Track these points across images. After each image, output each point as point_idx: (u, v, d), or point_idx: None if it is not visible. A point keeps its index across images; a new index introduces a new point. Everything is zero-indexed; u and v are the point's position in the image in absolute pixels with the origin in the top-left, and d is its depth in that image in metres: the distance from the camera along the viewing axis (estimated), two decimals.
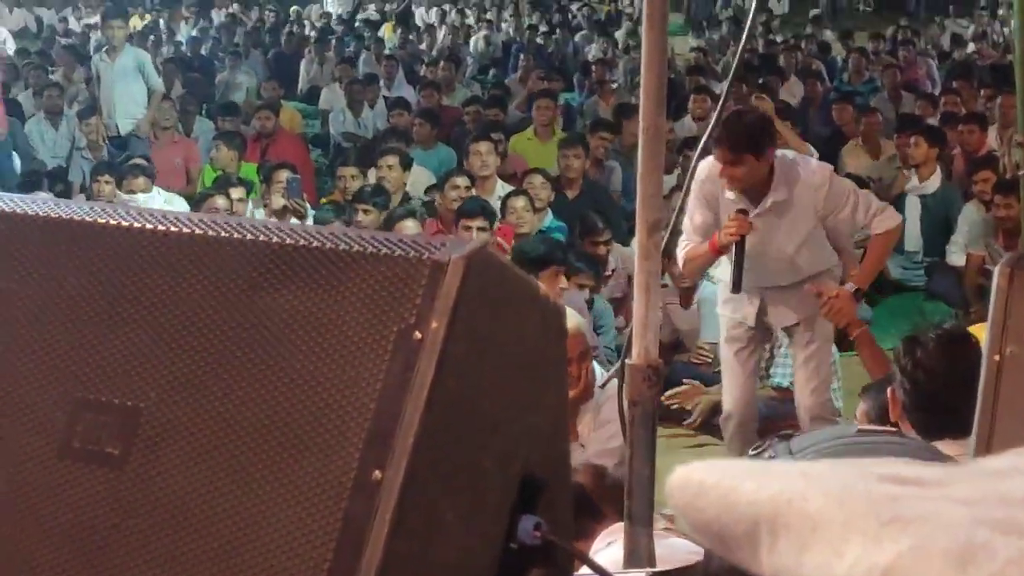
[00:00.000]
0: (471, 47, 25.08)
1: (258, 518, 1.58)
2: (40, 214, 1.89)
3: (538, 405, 1.79)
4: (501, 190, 10.62)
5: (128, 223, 1.81)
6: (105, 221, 1.83)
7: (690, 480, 0.82)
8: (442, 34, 26.32)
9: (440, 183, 10.81)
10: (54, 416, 1.74)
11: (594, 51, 23.22)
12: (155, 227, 1.79)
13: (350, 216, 9.88)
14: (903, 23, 26.76)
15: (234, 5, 30.37)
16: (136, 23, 25.32)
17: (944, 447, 3.39)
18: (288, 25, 26.98)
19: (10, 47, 22.54)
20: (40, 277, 1.82)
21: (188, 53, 22.50)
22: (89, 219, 1.84)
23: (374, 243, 1.67)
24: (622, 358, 2.68)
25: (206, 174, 12.64)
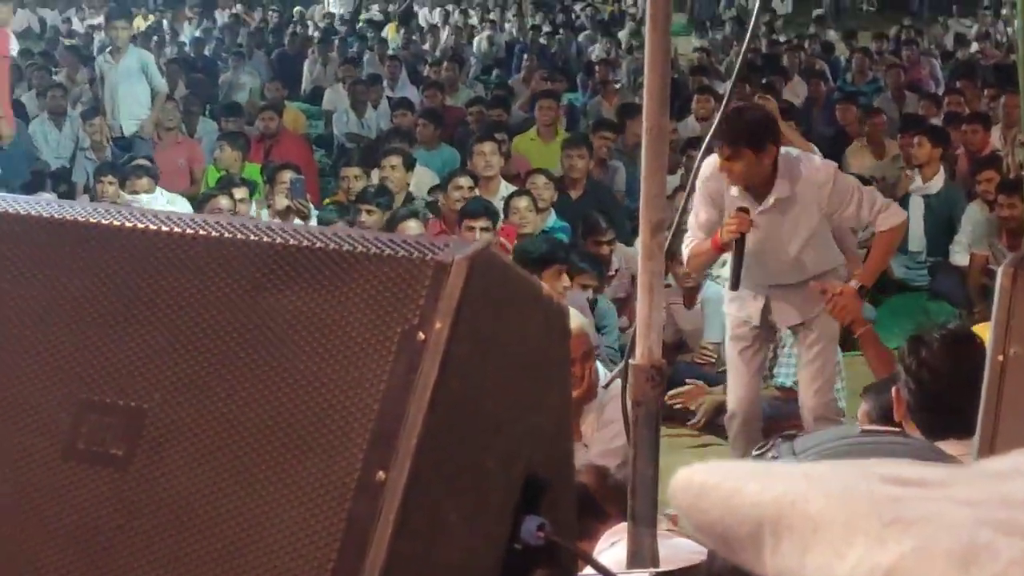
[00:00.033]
0: (474, 47, 25.09)
1: (262, 519, 1.59)
2: (44, 215, 1.89)
3: (541, 405, 1.79)
4: (505, 190, 10.62)
5: (131, 224, 1.81)
6: (109, 222, 1.83)
7: (693, 481, 0.82)
8: (445, 34, 26.34)
9: (443, 183, 10.82)
10: (58, 417, 1.74)
11: (597, 51, 23.23)
12: (158, 228, 1.79)
13: (354, 216, 9.88)
14: (907, 23, 26.76)
15: (237, 6, 30.38)
16: (140, 24, 25.33)
17: (948, 447, 3.39)
18: (291, 26, 27.01)
19: (14, 48, 22.54)
20: (44, 278, 1.83)
21: (191, 54, 22.52)
22: (93, 220, 1.85)
23: (377, 244, 1.67)
24: (626, 358, 2.68)
25: (210, 174, 12.65)
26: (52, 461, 1.72)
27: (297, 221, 9.87)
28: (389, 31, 26.75)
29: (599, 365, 5.90)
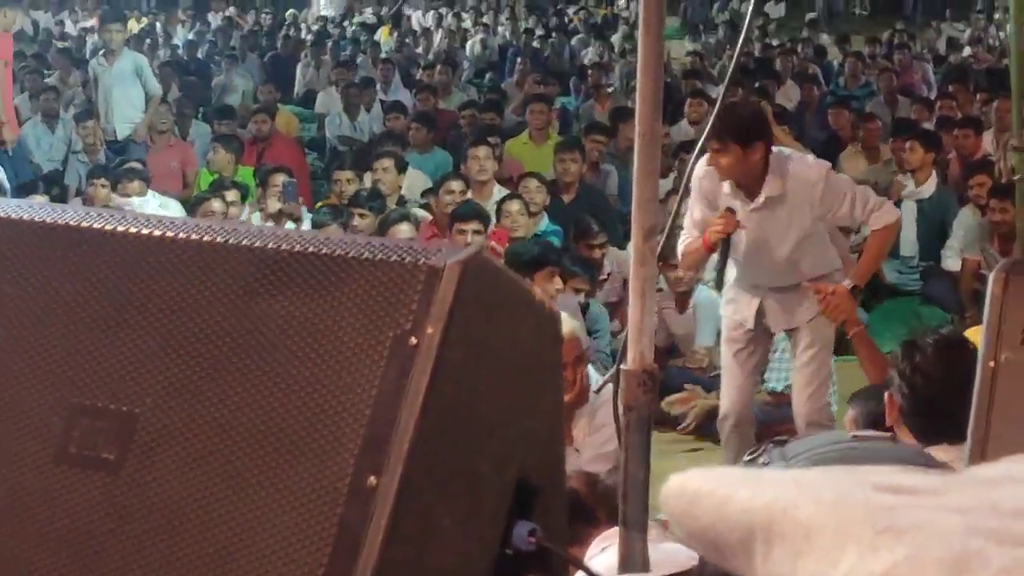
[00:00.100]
0: (467, 51, 25.10)
1: (253, 523, 1.58)
2: (36, 219, 1.89)
3: (534, 410, 1.79)
4: (498, 194, 10.60)
5: (123, 228, 1.81)
6: (100, 226, 1.83)
7: (686, 488, 0.82)
8: (438, 38, 26.35)
9: (435, 187, 10.81)
10: (50, 421, 1.74)
11: (590, 55, 23.26)
12: (150, 232, 1.79)
13: (347, 219, 9.87)
14: (899, 27, 26.81)
15: (230, 8, 30.39)
16: (133, 26, 25.32)
17: (940, 452, 3.39)
18: (284, 28, 26.99)
19: None
20: (36, 282, 1.82)
21: (184, 56, 22.52)
22: (85, 224, 1.84)
23: (369, 248, 1.67)
24: (617, 363, 2.68)
25: (202, 177, 12.64)
26: (44, 465, 1.72)
27: (289, 224, 9.87)
28: (382, 34, 26.75)
29: (591, 369, 5.90)
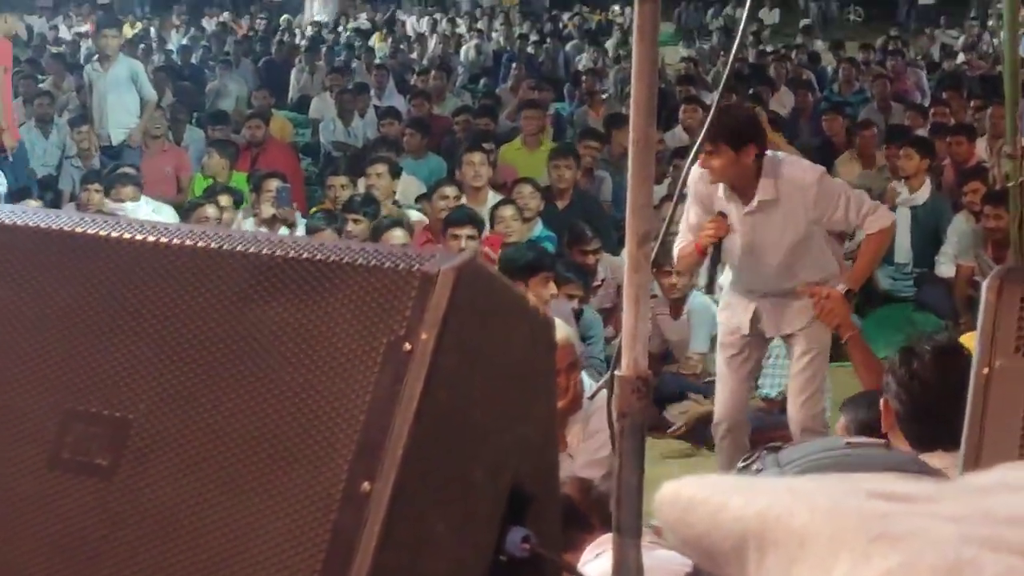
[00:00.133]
0: (462, 56, 25.10)
1: (247, 529, 1.58)
2: (31, 224, 1.88)
3: (528, 416, 1.79)
4: (493, 200, 10.59)
5: (118, 234, 1.81)
6: (95, 232, 1.83)
7: (680, 496, 0.82)
8: (433, 43, 26.34)
9: (429, 193, 10.80)
10: (44, 426, 1.74)
11: (585, 61, 23.25)
12: (144, 238, 1.79)
13: (341, 224, 9.86)
14: (893, 33, 26.83)
15: (225, 14, 30.37)
16: (127, 31, 25.29)
17: (936, 459, 3.38)
18: (279, 34, 26.98)
19: None
20: (32, 287, 1.82)
21: (178, 61, 22.50)
22: (79, 230, 1.84)
23: (364, 254, 1.67)
24: (611, 369, 2.67)
25: (196, 182, 12.62)
26: (38, 470, 1.72)
27: (283, 230, 9.86)
28: (376, 40, 26.75)
29: (584, 376, 5.89)
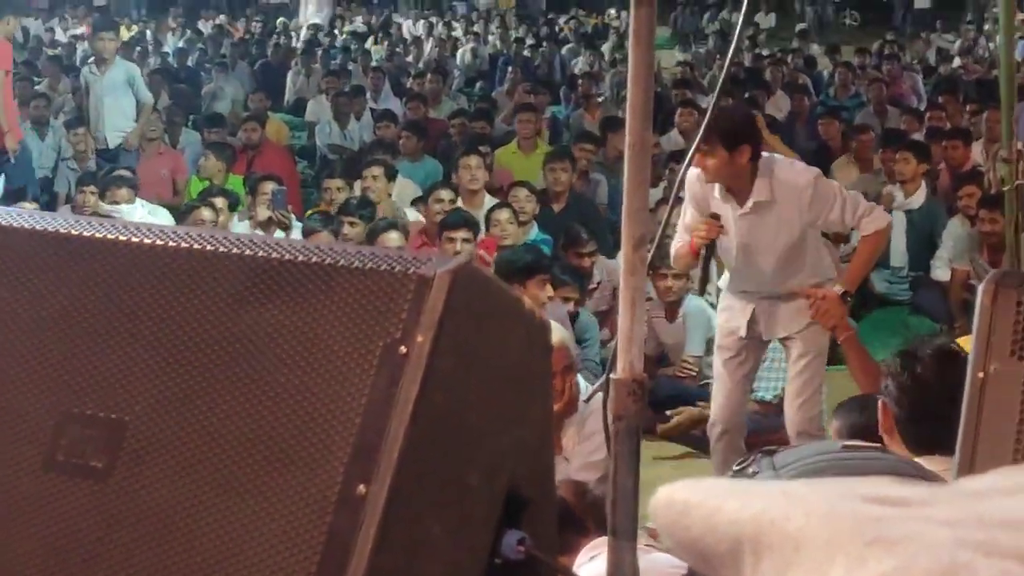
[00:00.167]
0: (458, 59, 25.10)
1: (242, 532, 1.58)
2: (27, 226, 1.88)
3: (524, 419, 1.79)
4: (489, 204, 10.59)
5: (114, 236, 1.81)
6: (91, 234, 1.83)
7: (675, 499, 0.82)
8: (429, 47, 26.34)
9: (425, 196, 10.80)
10: (40, 428, 1.74)
11: (581, 64, 23.26)
12: (140, 240, 1.79)
13: (337, 227, 9.86)
14: (889, 38, 26.87)
15: (221, 16, 30.36)
16: (123, 34, 25.28)
17: (932, 463, 3.38)
18: (275, 37, 26.98)
19: None
20: (29, 289, 1.82)
21: (175, 64, 22.49)
22: (75, 232, 1.84)
23: (359, 257, 1.67)
24: (607, 372, 2.67)
25: (192, 185, 12.61)
26: (34, 472, 1.72)
27: (279, 233, 9.86)
28: (371, 43, 26.75)
29: (580, 378, 5.90)
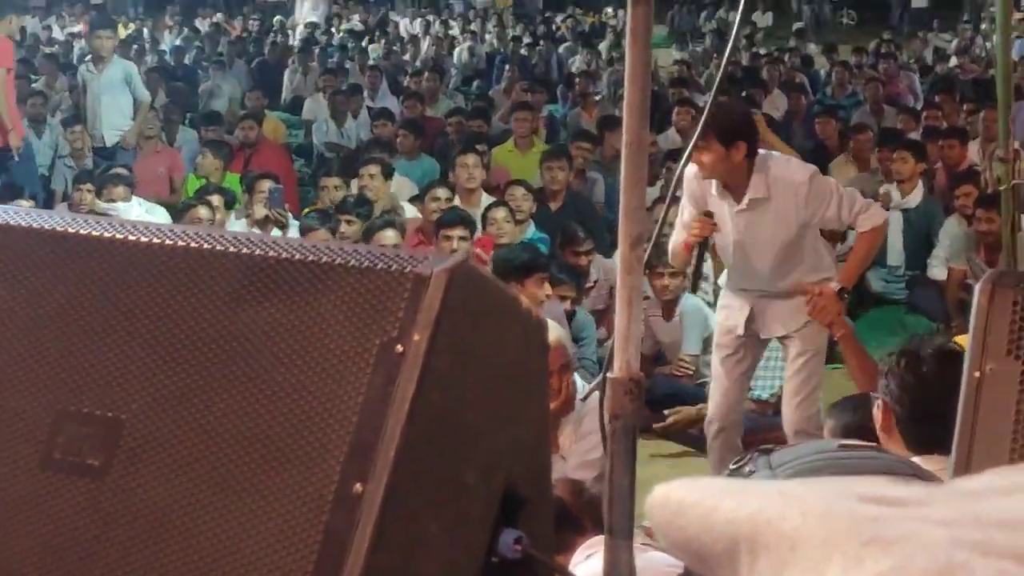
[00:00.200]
0: (455, 58, 25.10)
1: (239, 530, 1.58)
2: (24, 224, 1.88)
3: (521, 417, 1.79)
4: (486, 202, 10.58)
5: (111, 234, 1.81)
6: (88, 232, 1.83)
7: (671, 499, 0.82)
8: (426, 45, 26.34)
9: (421, 195, 10.80)
10: (37, 426, 1.74)
11: (578, 63, 23.25)
12: (137, 239, 1.79)
13: (334, 225, 9.86)
14: (886, 37, 26.86)
15: (218, 15, 30.34)
16: (120, 32, 25.27)
17: (930, 462, 3.38)
18: (272, 35, 26.96)
19: None
20: (27, 288, 1.82)
21: (172, 62, 22.49)
22: (72, 230, 1.84)
23: (356, 256, 1.67)
24: (604, 371, 2.68)
25: (190, 183, 12.61)
26: (30, 470, 1.72)
27: (276, 231, 9.85)
28: (368, 41, 26.74)
29: (577, 377, 5.90)
